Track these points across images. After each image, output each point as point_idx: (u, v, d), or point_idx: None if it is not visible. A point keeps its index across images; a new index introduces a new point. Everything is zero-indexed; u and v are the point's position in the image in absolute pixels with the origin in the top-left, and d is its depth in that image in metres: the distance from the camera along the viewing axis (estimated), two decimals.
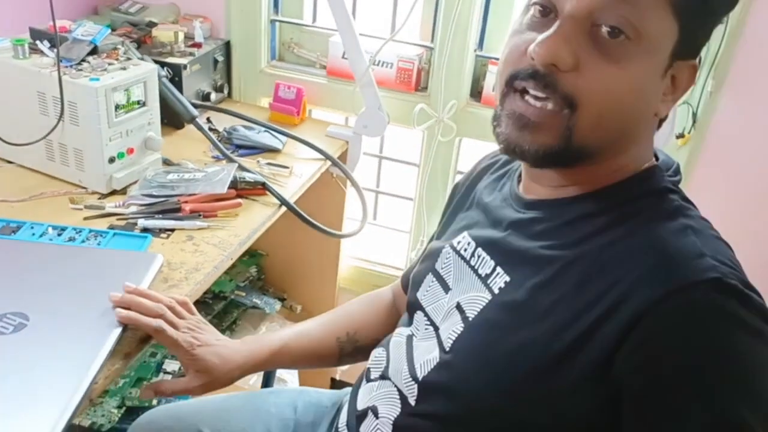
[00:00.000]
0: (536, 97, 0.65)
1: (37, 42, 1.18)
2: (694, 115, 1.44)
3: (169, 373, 1.45)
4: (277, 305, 1.73)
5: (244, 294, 1.69)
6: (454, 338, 0.73)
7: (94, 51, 1.18)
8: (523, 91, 0.66)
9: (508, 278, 0.72)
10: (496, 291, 0.72)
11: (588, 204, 0.70)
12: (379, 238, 2.02)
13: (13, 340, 0.79)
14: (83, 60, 1.16)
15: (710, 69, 1.38)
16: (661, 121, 0.71)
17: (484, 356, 0.68)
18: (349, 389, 1.00)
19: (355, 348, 0.99)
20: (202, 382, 0.87)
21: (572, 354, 0.62)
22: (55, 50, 1.11)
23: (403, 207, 1.93)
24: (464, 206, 0.88)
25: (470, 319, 0.72)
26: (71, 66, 1.14)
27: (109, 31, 1.21)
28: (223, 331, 1.60)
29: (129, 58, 1.21)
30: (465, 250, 0.80)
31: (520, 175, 0.80)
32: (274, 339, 0.95)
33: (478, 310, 0.72)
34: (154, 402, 1.34)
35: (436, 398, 0.73)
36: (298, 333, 0.97)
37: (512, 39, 0.69)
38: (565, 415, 0.63)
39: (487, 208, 0.81)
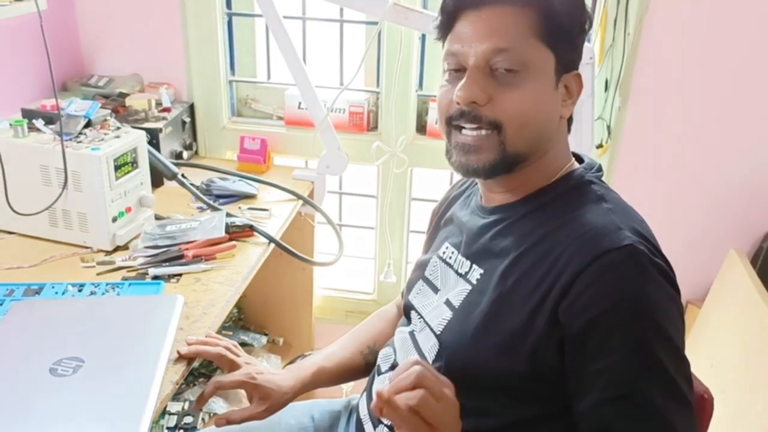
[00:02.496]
0: (470, 128, 0.86)
1: (33, 121, 1.30)
2: (608, 127, 1.70)
3: (173, 414, 1.55)
4: (263, 339, 1.85)
5: (231, 333, 1.80)
6: (444, 324, 0.91)
7: (87, 124, 1.31)
8: (461, 128, 0.87)
9: (482, 270, 0.90)
10: (474, 282, 0.90)
11: (530, 204, 0.91)
12: (346, 267, 2.17)
13: (75, 379, 0.90)
14: (80, 133, 1.28)
15: (616, 88, 1.65)
16: (569, 122, 0.93)
17: (470, 329, 0.86)
18: (354, 395, 1.16)
19: (377, 357, 1.14)
20: (266, 407, 1.00)
21: (536, 313, 0.81)
22: (58, 127, 1.24)
23: (363, 236, 2.10)
24: (444, 225, 1.07)
25: (456, 306, 0.91)
26: (71, 139, 1.26)
27: (99, 105, 1.34)
28: (215, 369, 1.72)
29: (119, 127, 1.34)
30: (449, 257, 0.99)
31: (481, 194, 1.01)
32: (310, 363, 1.09)
33: (462, 298, 0.91)
34: None
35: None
36: (329, 354, 1.12)
37: (440, 93, 0.91)
38: (536, 360, 0.81)
39: (461, 222, 1.00)
